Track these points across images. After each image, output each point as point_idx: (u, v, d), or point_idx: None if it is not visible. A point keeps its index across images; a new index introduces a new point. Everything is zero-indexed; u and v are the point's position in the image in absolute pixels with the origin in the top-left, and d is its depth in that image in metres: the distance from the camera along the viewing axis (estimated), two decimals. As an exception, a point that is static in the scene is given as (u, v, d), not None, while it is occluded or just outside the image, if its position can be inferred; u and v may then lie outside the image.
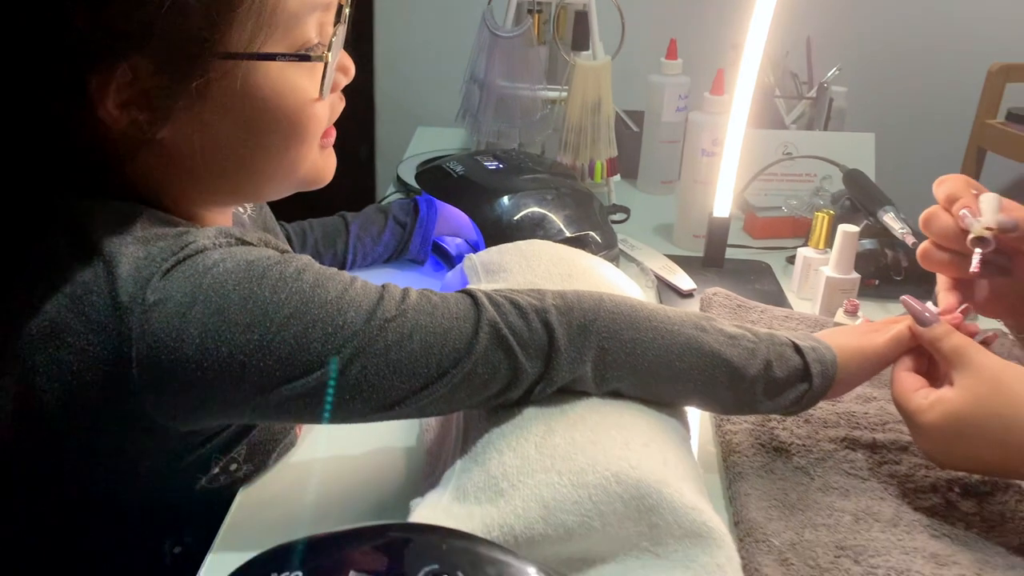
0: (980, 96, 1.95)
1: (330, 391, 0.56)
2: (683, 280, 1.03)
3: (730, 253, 1.15)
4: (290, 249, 0.62)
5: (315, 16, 0.60)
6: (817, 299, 0.98)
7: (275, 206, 0.82)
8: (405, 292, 0.60)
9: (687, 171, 1.12)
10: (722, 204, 1.04)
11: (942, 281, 0.75)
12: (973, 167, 1.98)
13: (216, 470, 0.64)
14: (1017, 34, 2.07)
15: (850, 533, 0.64)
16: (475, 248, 1.03)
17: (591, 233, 1.02)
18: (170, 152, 0.59)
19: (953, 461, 0.66)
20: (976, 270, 0.71)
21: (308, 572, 0.44)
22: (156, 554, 0.66)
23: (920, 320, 0.68)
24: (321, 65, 0.61)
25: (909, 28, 2.11)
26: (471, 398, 0.61)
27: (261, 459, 0.68)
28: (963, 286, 0.76)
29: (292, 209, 1.00)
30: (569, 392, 0.65)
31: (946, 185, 0.74)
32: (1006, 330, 0.81)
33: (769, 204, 1.23)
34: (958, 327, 0.68)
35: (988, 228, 0.69)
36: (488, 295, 0.62)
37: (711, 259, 1.07)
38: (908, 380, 0.67)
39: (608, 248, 1.05)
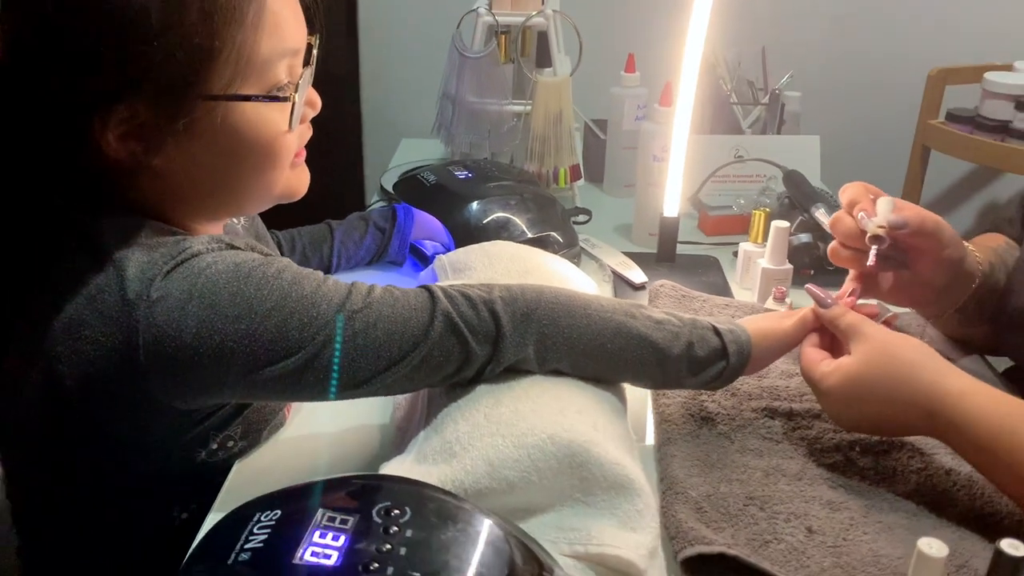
0: (922, 98, 2.08)
1: (306, 372, 0.67)
2: (636, 274, 1.13)
3: (684, 249, 1.26)
4: (274, 253, 0.73)
5: (285, 61, 0.71)
6: (755, 288, 1.08)
7: (273, 213, 0.92)
8: (371, 288, 0.71)
9: (641, 176, 1.23)
10: (671, 205, 1.15)
11: (851, 274, 0.86)
12: (918, 164, 2.10)
13: (214, 446, 0.75)
14: (953, 40, 2.22)
15: (759, 486, 0.74)
16: (448, 250, 1.13)
17: (552, 234, 1.13)
18: (164, 176, 0.70)
19: (851, 421, 0.76)
20: (872, 264, 0.82)
21: (285, 511, 0.54)
22: (166, 520, 0.77)
23: (821, 304, 0.79)
24: (291, 103, 0.72)
25: (857, 37, 2.25)
26: (429, 378, 0.72)
27: (254, 436, 0.79)
28: (869, 279, 0.87)
29: (287, 217, 1.11)
30: (516, 371, 0.75)
31: (848, 192, 0.86)
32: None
33: (722, 203, 1.34)
34: (854, 309, 0.79)
35: (880, 227, 0.81)
36: (443, 289, 0.73)
37: (664, 255, 1.18)
38: (813, 354, 0.78)
39: (569, 247, 1.16)
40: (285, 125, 0.72)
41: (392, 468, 0.71)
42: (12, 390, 0.70)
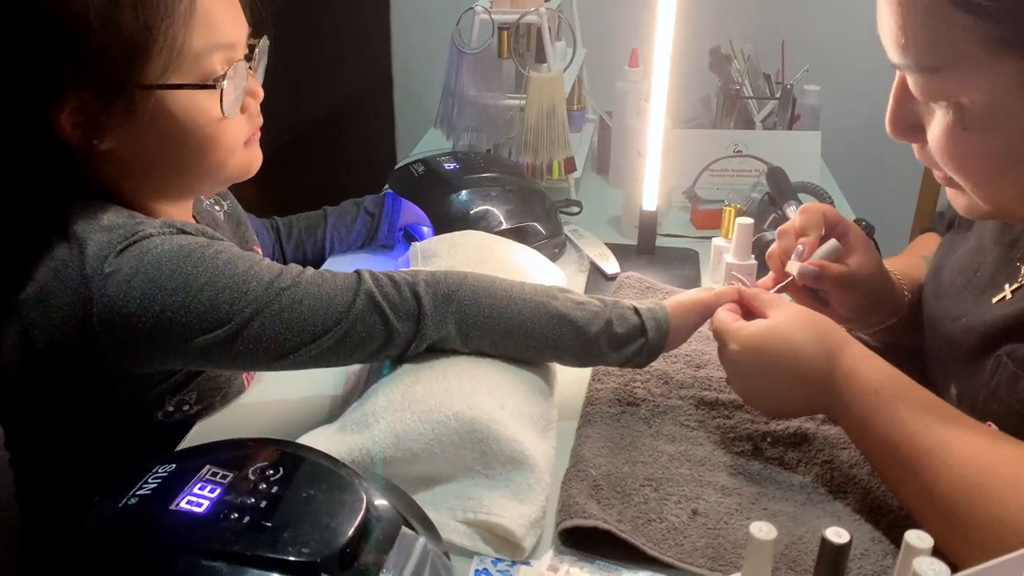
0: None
1: (236, 341, 0.74)
2: (611, 265, 1.17)
3: (672, 242, 1.29)
4: (223, 239, 0.81)
5: (219, 54, 0.79)
6: (722, 283, 1.11)
7: (309, 195, 1.00)
8: (303, 269, 0.79)
9: (627, 170, 1.26)
10: (650, 199, 1.19)
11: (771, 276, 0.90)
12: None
13: (170, 408, 0.84)
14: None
15: (661, 469, 0.79)
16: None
17: (533, 224, 1.18)
18: (118, 159, 0.79)
19: (748, 384, 0.79)
20: (776, 291, 0.86)
21: (180, 466, 0.62)
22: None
23: (743, 284, 0.84)
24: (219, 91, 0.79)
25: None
26: (356, 352, 0.79)
27: (208, 401, 0.87)
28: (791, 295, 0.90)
29: (324, 197, 1.22)
30: (442, 352, 0.82)
31: (803, 217, 0.88)
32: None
33: (718, 197, 1.36)
34: None
35: (790, 274, 0.85)
36: (371, 272, 0.80)
37: (643, 247, 1.22)
38: (726, 314, 0.82)
39: (552, 236, 1.21)
40: (219, 111, 0.80)
41: (316, 434, 0.78)
42: None
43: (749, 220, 1.07)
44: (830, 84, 1.67)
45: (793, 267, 0.86)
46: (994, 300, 0.77)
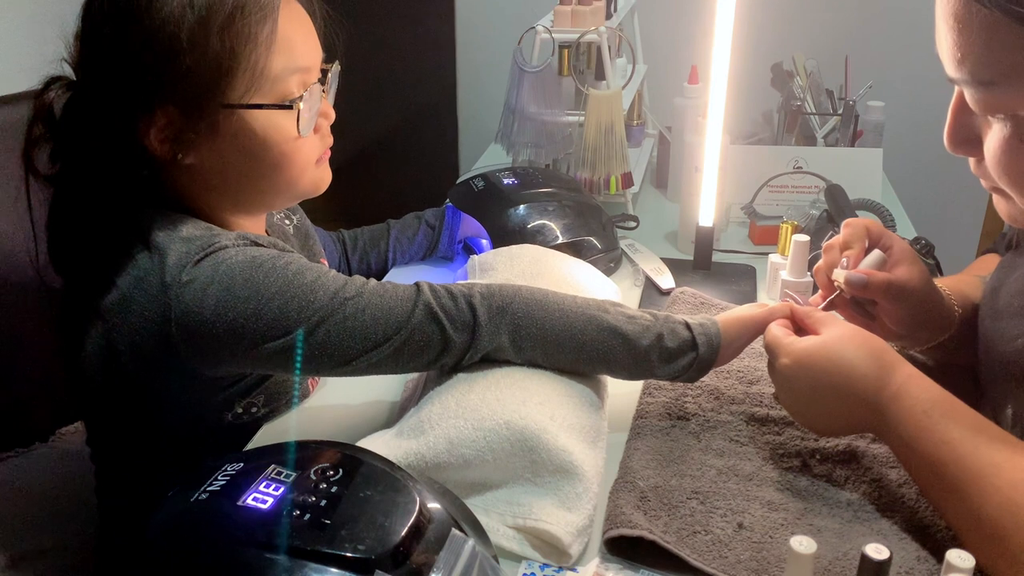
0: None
1: (302, 348, 0.79)
2: (666, 280, 1.19)
3: (730, 258, 1.30)
4: (293, 251, 0.85)
5: (296, 76, 0.84)
6: (778, 299, 1.11)
7: (370, 207, 1.04)
8: (366, 281, 0.82)
9: (685, 185, 1.28)
10: (706, 215, 1.20)
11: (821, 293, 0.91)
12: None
13: (239, 410, 0.89)
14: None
15: (708, 482, 0.80)
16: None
17: (589, 238, 1.20)
18: (199, 173, 0.85)
19: (800, 404, 0.80)
20: (824, 307, 0.87)
21: (247, 465, 0.66)
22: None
23: (796, 302, 0.85)
24: (296, 111, 0.84)
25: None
26: (414, 360, 0.82)
27: (275, 405, 0.92)
28: (840, 312, 0.91)
29: (385, 212, 1.27)
30: (496, 363, 0.85)
31: (847, 231, 0.89)
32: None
33: (777, 213, 1.36)
34: None
35: (837, 283, 0.86)
36: (430, 284, 0.83)
37: (700, 262, 1.23)
38: (778, 329, 0.83)
39: (608, 251, 1.23)
40: (295, 131, 0.84)
41: (374, 438, 0.82)
42: (78, 347, 0.85)
43: (805, 237, 1.08)
44: (894, 100, 1.65)
45: (839, 275, 0.86)
46: None
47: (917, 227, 1.42)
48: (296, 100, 0.84)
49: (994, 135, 0.66)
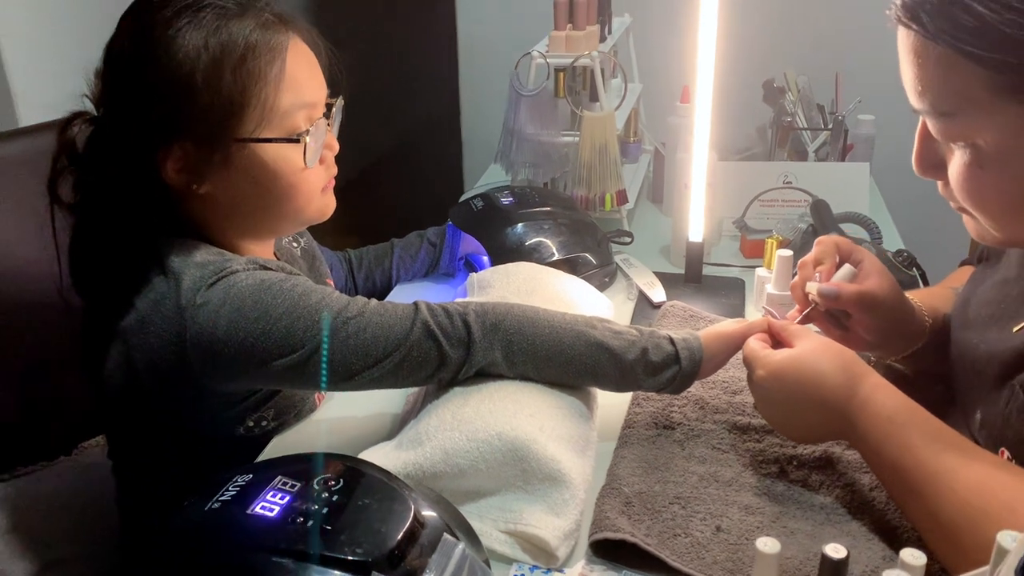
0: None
1: (308, 364, 0.84)
2: (658, 294, 1.24)
3: (720, 271, 1.35)
4: (299, 273, 0.91)
5: (303, 112, 0.90)
6: (762, 312, 1.16)
7: (384, 224, 1.10)
8: (368, 301, 0.88)
9: (676, 201, 1.33)
10: (695, 230, 1.25)
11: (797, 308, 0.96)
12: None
13: (250, 423, 0.94)
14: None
15: (690, 488, 0.85)
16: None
17: (584, 255, 1.26)
18: (213, 201, 0.91)
19: (774, 408, 0.85)
20: (800, 321, 0.92)
21: (256, 476, 0.72)
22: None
23: (772, 316, 0.90)
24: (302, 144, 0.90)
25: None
26: (413, 375, 0.87)
27: (284, 418, 0.97)
28: (816, 324, 0.95)
29: (398, 228, 1.35)
30: (490, 378, 0.90)
31: (818, 248, 0.94)
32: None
33: (767, 227, 1.41)
34: None
35: (811, 295, 0.91)
36: (427, 304, 0.89)
37: (690, 276, 1.28)
38: (756, 343, 0.88)
39: (603, 266, 1.28)
40: (302, 162, 0.90)
41: (375, 450, 0.87)
42: (99, 365, 0.91)
43: (789, 252, 1.12)
44: (885, 114, 1.70)
45: (812, 288, 0.91)
46: (1014, 330, 0.81)
47: (906, 238, 1.47)
48: (303, 134, 0.90)
49: (956, 161, 0.71)
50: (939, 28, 0.65)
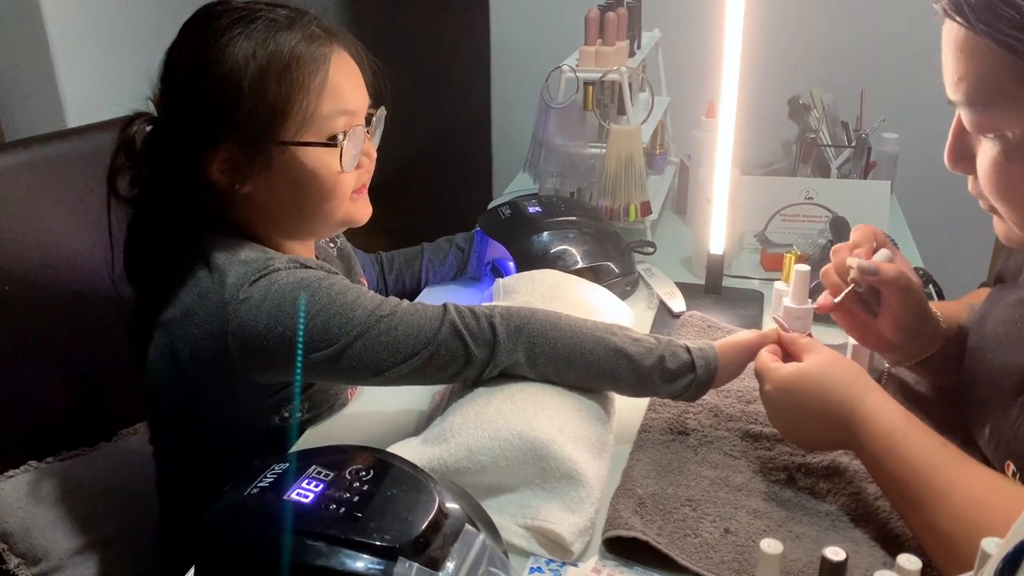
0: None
1: (342, 359, 0.89)
2: (678, 304, 1.28)
3: (741, 283, 1.38)
4: (337, 272, 0.96)
5: (342, 119, 0.95)
6: (780, 324, 1.19)
7: (416, 225, 1.14)
8: (400, 301, 0.93)
9: (698, 214, 1.36)
10: (716, 243, 1.28)
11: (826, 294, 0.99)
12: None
13: (285, 414, 0.99)
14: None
15: (701, 492, 0.89)
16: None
17: (607, 263, 1.30)
18: (254, 201, 0.96)
19: (784, 418, 0.89)
20: (838, 301, 0.94)
21: (293, 465, 0.76)
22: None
23: (783, 328, 0.93)
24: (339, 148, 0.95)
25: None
26: (439, 373, 0.92)
27: (318, 411, 1.03)
28: (843, 309, 0.98)
29: (430, 232, 1.40)
30: (513, 379, 0.94)
31: (856, 233, 0.98)
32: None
33: (788, 241, 1.44)
34: None
35: (841, 288, 0.93)
36: (455, 305, 0.93)
37: (710, 287, 1.31)
38: (767, 355, 0.92)
39: (625, 275, 1.32)
40: (338, 166, 0.95)
41: (403, 444, 0.92)
42: (143, 354, 0.97)
43: (806, 267, 1.15)
44: (909, 132, 1.72)
45: (853, 263, 0.93)
46: None
47: (926, 258, 1.49)
48: (339, 138, 0.95)
49: (984, 153, 0.74)
50: (979, 19, 0.67)
